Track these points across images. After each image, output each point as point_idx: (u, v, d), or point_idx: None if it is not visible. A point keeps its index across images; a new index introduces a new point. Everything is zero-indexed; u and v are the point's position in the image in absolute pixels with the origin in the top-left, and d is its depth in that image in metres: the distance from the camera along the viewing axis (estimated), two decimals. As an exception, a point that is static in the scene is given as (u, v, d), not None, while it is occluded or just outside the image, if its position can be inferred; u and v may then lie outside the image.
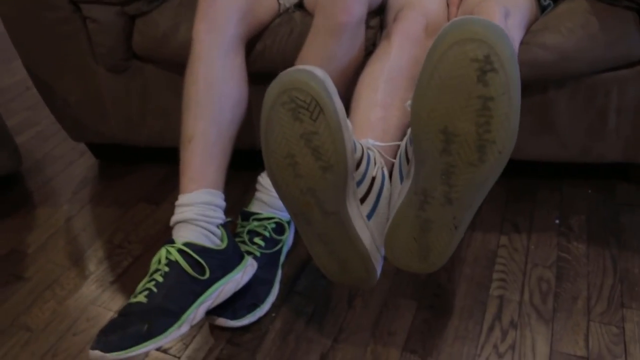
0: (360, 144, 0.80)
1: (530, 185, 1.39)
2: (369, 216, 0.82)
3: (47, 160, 1.63)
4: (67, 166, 1.60)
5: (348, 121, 0.73)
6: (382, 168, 0.85)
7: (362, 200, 0.81)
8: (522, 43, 1.14)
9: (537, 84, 1.20)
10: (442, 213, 0.77)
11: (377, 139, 0.90)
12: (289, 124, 0.70)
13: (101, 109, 1.38)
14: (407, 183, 0.80)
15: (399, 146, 0.90)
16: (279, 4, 1.23)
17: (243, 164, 1.30)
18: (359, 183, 0.80)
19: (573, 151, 1.28)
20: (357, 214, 0.80)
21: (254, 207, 1.16)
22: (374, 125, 0.92)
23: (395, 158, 0.90)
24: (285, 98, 0.69)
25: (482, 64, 0.63)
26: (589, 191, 1.37)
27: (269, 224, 1.13)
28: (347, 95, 1.03)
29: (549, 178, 1.41)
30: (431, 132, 0.69)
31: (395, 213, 0.82)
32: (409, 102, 0.82)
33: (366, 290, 1.13)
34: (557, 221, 1.28)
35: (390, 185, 0.88)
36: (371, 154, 0.83)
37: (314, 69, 0.70)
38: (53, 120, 1.74)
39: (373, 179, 0.82)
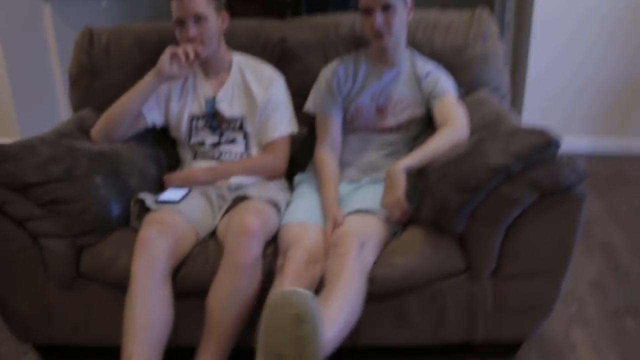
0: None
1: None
2: None
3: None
4: (12, 364, 1.83)
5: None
6: None
7: None
8: (376, 262, 1.55)
9: (391, 293, 1.59)
10: None
11: None
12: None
13: (49, 318, 1.67)
14: None
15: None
16: (197, 235, 1.61)
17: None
18: None
19: (426, 336, 1.67)
20: None
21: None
22: None
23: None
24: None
25: (296, 319, 1.14)
26: (444, 366, 1.76)
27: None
28: (251, 317, 1.40)
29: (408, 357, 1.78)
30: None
31: None
32: None
33: None
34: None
35: None
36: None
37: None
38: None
39: None
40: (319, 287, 1.49)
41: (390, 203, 1.61)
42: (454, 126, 1.69)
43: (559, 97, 3.57)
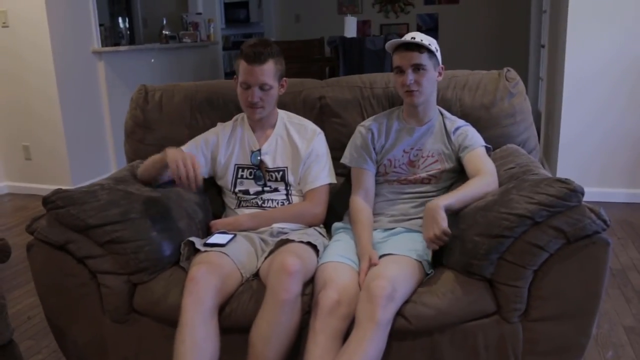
0: None
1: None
2: None
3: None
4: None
5: None
6: None
7: None
8: (410, 301, 1.64)
9: (424, 331, 1.67)
10: None
11: None
12: None
13: (103, 349, 1.80)
14: None
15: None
16: (242, 275, 1.73)
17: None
18: None
19: (458, 377, 1.74)
20: None
21: None
22: None
23: None
24: None
25: None
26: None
27: None
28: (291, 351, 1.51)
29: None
30: None
31: None
32: None
33: None
34: None
35: None
36: None
37: None
38: (53, 349, 2.13)
39: None
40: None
41: (435, 236, 1.64)
42: (486, 175, 1.80)
43: (591, 144, 3.68)
